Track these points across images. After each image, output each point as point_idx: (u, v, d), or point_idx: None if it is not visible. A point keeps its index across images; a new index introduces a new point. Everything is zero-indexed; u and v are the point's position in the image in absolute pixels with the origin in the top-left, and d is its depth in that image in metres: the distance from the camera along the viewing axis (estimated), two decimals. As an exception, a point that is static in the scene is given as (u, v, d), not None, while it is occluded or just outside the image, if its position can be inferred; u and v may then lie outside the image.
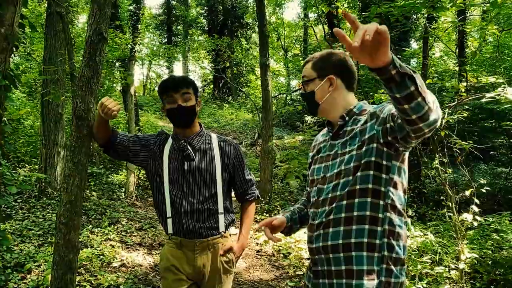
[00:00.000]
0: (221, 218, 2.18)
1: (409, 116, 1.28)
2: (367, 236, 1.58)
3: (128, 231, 5.09)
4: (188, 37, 25.18)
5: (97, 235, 4.69)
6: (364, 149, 1.61)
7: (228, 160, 2.23)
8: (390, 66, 1.20)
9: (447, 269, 4.06)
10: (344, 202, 1.62)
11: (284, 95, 16.98)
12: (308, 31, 21.32)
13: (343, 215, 1.62)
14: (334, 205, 1.65)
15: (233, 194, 2.36)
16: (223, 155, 2.22)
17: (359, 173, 1.60)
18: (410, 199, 6.92)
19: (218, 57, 17.28)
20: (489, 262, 4.17)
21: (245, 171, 2.32)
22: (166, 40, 23.38)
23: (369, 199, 1.59)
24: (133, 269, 4.19)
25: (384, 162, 1.59)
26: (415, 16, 12.61)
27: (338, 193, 1.65)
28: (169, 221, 2.15)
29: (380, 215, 1.58)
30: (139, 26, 7.81)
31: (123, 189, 6.85)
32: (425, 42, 5.83)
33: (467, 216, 3.75)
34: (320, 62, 1.82)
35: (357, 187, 1.60)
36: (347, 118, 1.77)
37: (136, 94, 12.38)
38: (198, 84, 32.44)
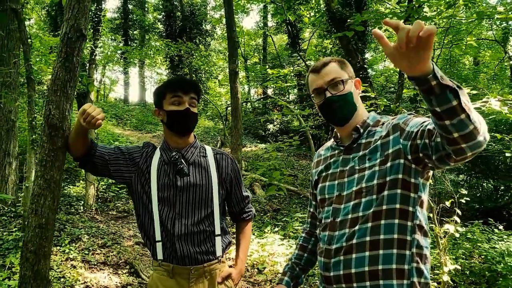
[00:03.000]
0: (218, 241, 1.95)
1: (450, 134, 1.13)
2: (395, 261, 1.42)
3: (91, 248, 4.67)
4: (145, 42, 24.52)
5: (56, 255, 4.25)
6: (389, 165, 1.45)
7: (226, 175, 2.00)
8: (429, 76, 1.07)
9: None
10: (369, 224, 1.45)
11: (245, 103, 16.86)
12: (267, 40, 21.40)
13: (367, 238, 1.44)
14: (356, 227, 1.47)
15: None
16: (220, 170, 1.99)
17: (385, 192, 1.44)
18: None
19: (181, 63, 16.85)
20: (467, 272, 4.17)
21: (242, 187, 2.10)
22: (122, 44, 22.60)
23: (396, 221, 1.44)
24: (99, 292, 3.81)
25: (412, 180, 1.44)
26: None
27: (361, 213, 1.47)
28: (159, 245, 1.88)
29: (408, 238, 1.44)
30: (100, 28, 7.36)
31: (82, 202, 6.36)
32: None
33: (449, 227, 3.72)
34: (344, 64, 1.67)
35: (384, 207, 1.44)
36: (361, 130, 1.61)
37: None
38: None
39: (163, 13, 23.05)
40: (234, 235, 2.22)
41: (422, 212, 1.49)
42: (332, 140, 1.78)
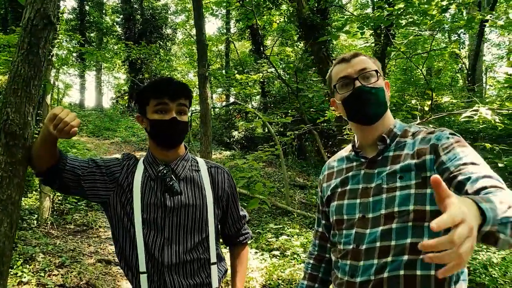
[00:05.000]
0: (214, 270, 1.66)
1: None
2: None
3: (47, 269, 4.18)
4: (103, 45, 23.61)
5: (6, 278, 3.75)
6: (428, 191, 1.23)
7: (222, 192, 1.71)
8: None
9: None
10: (405, 257, 1.22)
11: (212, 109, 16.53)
12: (230, 46, 21.19)
13: (401, 272, 1.22)
14: (389, 259, 1.24)
15: None
16: (215, 186, 1.70)
17: (426, 223, 1.22)
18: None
19: (144, 65, 16.22)
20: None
21: (238, 205, 1.82)
22: (79, 46, 21.60)
23: None
24: (57, 320, 3.38)
25: None
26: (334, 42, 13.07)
27: (393, 243, 1.24)
28: (144, 278, 1.57)
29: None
30: (58, 26, 6.78)
31: (35, 215, 5.79)
32: (382, 59, 5.91)
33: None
34: (375, 59, 1.44)
35: (425, 240, 1.22)
36: (388, 141, 1.38)
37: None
38: (111, 95, 30.43)
39: (121, 16, 22.29)
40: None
41: None
42: (348, 148, 1.54)
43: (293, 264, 5.07)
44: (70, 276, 4.18)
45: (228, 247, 1.90)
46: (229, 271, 1.87)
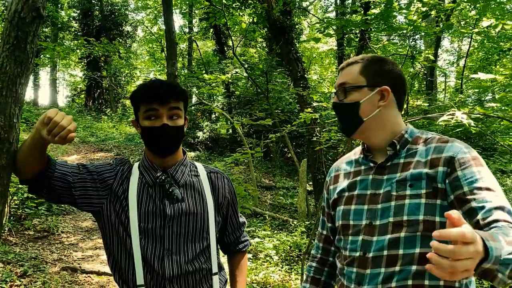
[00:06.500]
0: (216, 281, 1.59)
1: None
2: None
3: (8, 280, 3.90)
4: (58, 41, 22.61)
5: (-37, 291, 3.47)
6: (438, 202, 1.22)
7: (223, 198, 1.64)
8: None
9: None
10: (414, 267, 1.20)
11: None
12: (192, 45, 20.91)
13: (409, 282, 1.21)
14: (397, 268, 1.22)
15: None
16: (216, 192, 1.63)
17: None
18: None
19: (105, 64, 15.61)
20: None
21: (238, 212, 1.76)
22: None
23: None
24: (23, 335, 3.15)
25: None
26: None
27: (401, 251, 1.22)
28: (141, 291, 1.46)
29: (456, 285, 1.23)
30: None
31: (-9, 221, 5.41)
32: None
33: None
34: (373, 67, 1.39)
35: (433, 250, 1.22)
36: (398, 147, 1.35)
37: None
38: (67, 93, 29.08)
39: (79, 11, 21.44)
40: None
41: None
42: (358, 151, 1.50)
43: (266, 267, 5.04)
44: (34, 287, 3.93)
45: (226, 256, 1.82)
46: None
